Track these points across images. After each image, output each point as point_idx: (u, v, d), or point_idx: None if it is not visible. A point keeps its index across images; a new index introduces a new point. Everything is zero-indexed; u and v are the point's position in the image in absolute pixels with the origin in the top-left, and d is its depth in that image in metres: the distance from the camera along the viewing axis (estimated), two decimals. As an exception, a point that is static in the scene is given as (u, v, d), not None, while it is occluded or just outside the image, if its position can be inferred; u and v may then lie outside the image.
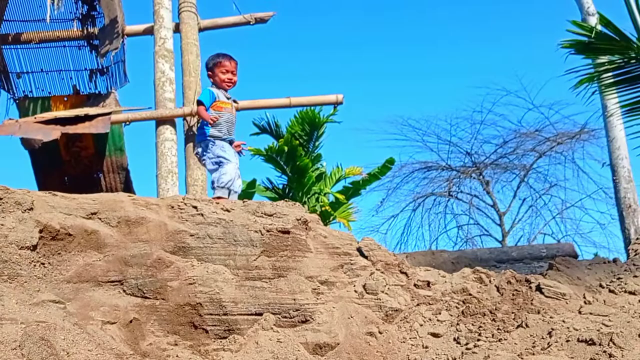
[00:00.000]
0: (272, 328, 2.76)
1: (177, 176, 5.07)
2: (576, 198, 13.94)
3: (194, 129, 5.19)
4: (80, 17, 7.20)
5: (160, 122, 5.33)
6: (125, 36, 6.74)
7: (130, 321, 2.68)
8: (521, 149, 14.13)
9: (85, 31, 7.10)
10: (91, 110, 6.16)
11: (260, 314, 2.82)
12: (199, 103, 4.33)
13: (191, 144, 5.16)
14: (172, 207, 3.07)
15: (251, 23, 6.11)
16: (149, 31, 6.31)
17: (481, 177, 14.56)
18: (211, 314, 2.75)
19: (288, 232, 3.07)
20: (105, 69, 7.18)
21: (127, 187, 6.75)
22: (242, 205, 3.24)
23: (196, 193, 4.86)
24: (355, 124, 24.72)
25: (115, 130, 6.36)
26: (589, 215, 14.09)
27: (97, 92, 7.13)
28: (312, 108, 9.15)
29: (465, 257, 5.61)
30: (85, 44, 7.24)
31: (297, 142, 8.87)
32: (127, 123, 5.97)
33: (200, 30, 6.06)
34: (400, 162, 13.79)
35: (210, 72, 4.46)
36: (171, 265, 2.85)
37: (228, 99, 4.40)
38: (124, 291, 2.82)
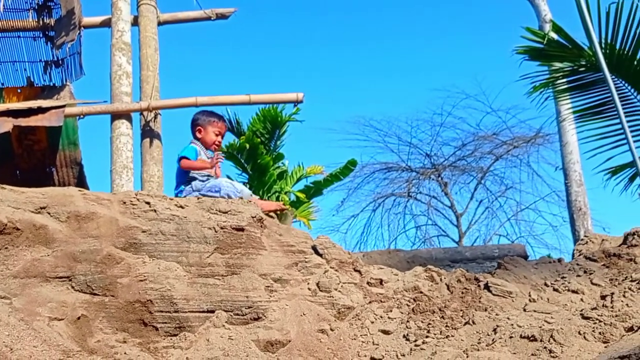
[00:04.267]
0: (223, 325, 2.76)
1: (132, 172, 4.99)
2: (530, 200, 14.36)
3: (151, 124, 5.12)
4: (36, 7, 7.00)
5: (116, 116, 5.23)
6: (82, 28, 6.59)
7: (78, 318, 2.64)
8: (479, 151, 14.47)
9: (41, 22, 6.90)
10: (45, 103, 5.99)
11: (212, 312, 2.80)
12: (183, 158, 4.10)
13: (147, 140, 5.10)
14: (124, 202, 3.02)
15: (212, 18, 6.06)
16: (107, 23, 6.18)
17: (440, 178, 14.82)
18: (162, 311, 2.73)
19: (242, 230, 3.07)
20: (60, 61, 7.00)
21: (81, 182, 6.59)
22: (196, 202, 3.22)
23: (152, 189, 4.80)
24: (318, 124, 24.82)
25: (69, 123, 6.20)
26: (542, 218, 14.53)
27: (51, 84, 6.94)
28: (275, 106, 9.13)
29: (421, 256, 5.70)
30: (41, 35, 7.04)
31: (259, 140, 8.84)
32: (82, 116, 5.83)
33: (160, 24, 5.97)
34: (361, 162, 13.92)
35: (200, 127, 4.30)
36: (122, 262, 2.81)
37: (208, 158, 4.28)
38: (73, 287, 2.76)
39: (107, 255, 2.81)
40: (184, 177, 4.12)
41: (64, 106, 5.83)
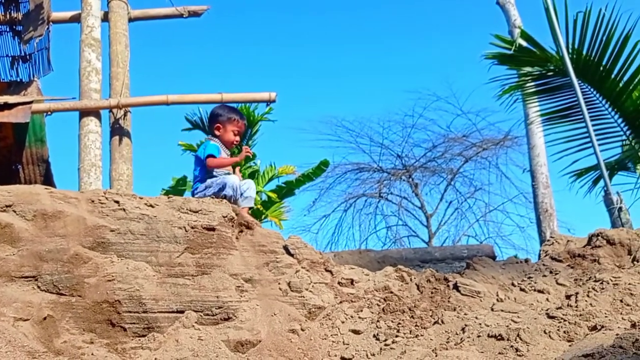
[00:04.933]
0: (193, 326, 2.73)
1: (100, 170, 4.90)
2: (499, 202, 14.62)
3: (120, 121, 5.04)
4: (4, 1, 6.83)
5: (85, 113, 5.13)
6: (51, 23, 6.45)
7: (44, 318, 2.58)
8: (449, 153, 14.67)
9: (8, 16, 6.73)
10: (11, 99, 5.84)
11: (182, 312, 2.78)
12: (209, 157, 3.91)
13: (117, 137, 5.02)
14: (93, 201, 2.97)
15: (184, 16, 6.00)
16: (76, 19, 6.07)
17: (411, 179, 14.96)
18: (130, 312, 2.69)
19: (213, 229, 3.05)
20: (28, 56, 6.83)
21: (48, 180, 6.44)
22: (167, 201, 3.18)
23: (121, 188, 4.72)
24: (290, 123, 24.79)
25: (37, 120, 6.06)
26: (510, 219, 14.80)
27: (18, 79, 6.76)
28: (247, 105, 9.11)
29: (391, 256, 5.75)
30: (8, 30, 6.86)
31: (230, 139, 8.79)
32: (49, 113, 5.71)
33: (131, 20, 5.88)
34: (333, 162, 13.97)
35: (219, 125, 4.08)
36: (89, 261, 2.77)
37: (227, 155, 4.14)
38: (39, 287, 2.71)
39: (74, 255, 2.76)
40: (204, 174, 3.95)
41: (31, 102, 5.69)
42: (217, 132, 4.11)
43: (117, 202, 2.95)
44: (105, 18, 5.92)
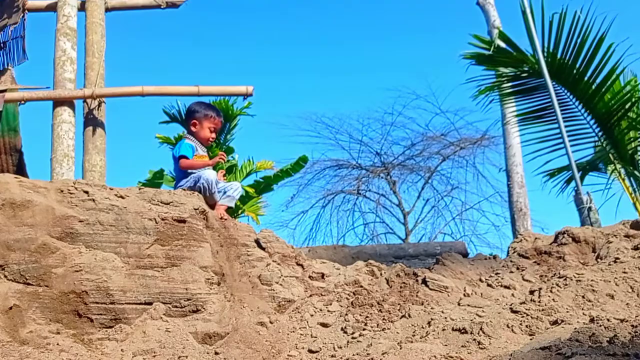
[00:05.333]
0: (161, 317, 2.73)
1: (73, 161, 4.85)
2: (475, 200, 14.79)
3: (95, 112, 4.99)
4: (-23, -13, 6.70)
5: (58, 103, 5.06)
6: (27, 11, 6.33)
7: (10, 308, 2.56)
8: (427, 151, 14.79)
9: (-20, 3, 6.61)
10: (-17, 87, 5.74)
11: (150, 304, 2.77)
12: (182, 157, 3.90)
13: (90, 128, 4.96)
14: (62, 191, 2.95)
15: (162, 7, 5.94)
16: (52, 7, 5.97)
17: (389, 177, 15.06)
18: (97, 303, 2.68)
19: (184, 222, 3.04)
20: (2, 45, 6.70)
21: (20, 170, 6.34)
22: (137, 192, 3.17)
23: (94, 179, 4.67)
24: (269, 119, 24.75)
25: (10, 109, 5.97)
26: (486, 217, 15.02)
27: (-8, 68, 6.67)
28: (226, 99, 9.06)
29: (365, 252, 5.79)
30: (-19, 17, 6.74)
31: (208, 132, 8.75)
32: (23, 102, 5.61)
33: (107, 10, 5.81)
34: (312, 158, 13.99)
35: (195, 121, 4.06)
36: (57, 252, 2.74)
37: (204, 152, 4.09)
38: (5, 277, 2.68)
39: (42, 245, 2.74)
40: (184, 172, 3.95)
41: (4, 91, 5.60)
42: (193, 129, 4.11)
43: (86, 192, 2.93)
44: (82, 7, 5.84)
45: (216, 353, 2.63)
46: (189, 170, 3.93)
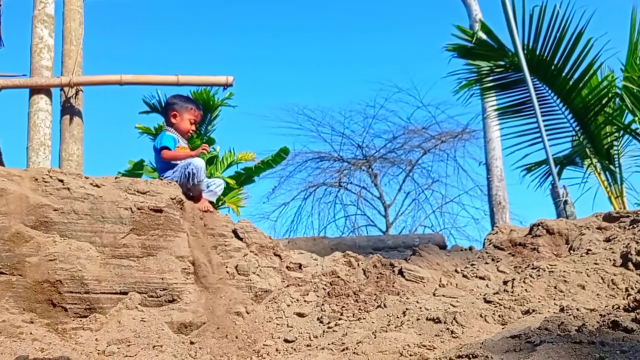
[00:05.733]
0: (137, 307, 2.72)
1: (50, 149, 4.78)
2: (455, 194, 14.93)
3: (72, 100, 4.92)
4: (-49, -29, 6.55)
5: (35, 91, 4.97)
6: (2, -3, 6.22)
7: (-18, 297, 2.53)
8: (408, 145, 14.87)
9: (-45, -13, 6.47)
10: (-43, 74, 5.63)
11: (126, 293, 2.76)
12: (164, 149, 3.94)
13: (67, 117, 4.89)
14: (36, 179, 2.91)
15: (142, -4, 5.88)
16: (29, -6, 5.87)
17: (370, 169, 15.11)
18: (71, 292, 2.66)
19: (161, 211, 3.03)
20: (-23, 31, 6.59)
21: (-4, 159, 6.26)
22: (114, 181, 3.14)
23: (71, 168, 4.62)
24: (251, 110, 24.62)
25: (-15, 97, 5.87)
26: (465, 210, 15.18)
27: (-34, 54, 6.53)
28: (207, 90, 8.99)
29: (345, 244, 5.82)
30: (-45, 1, 6.60)
31: (189, 123, 8.69)
32: (-1, 90, 5.53)
33: (86, -3, 5.73)
34: (294, 150, 13.99)
35: (174, 113, 4.11)
36: (31, 240, 2.72)
37: (185, 144, 4.17)
38: (-23, 266, 2.65)
39: (15, 233, 2.71)
40: (168, 164, 3.98)
41: (-22, 78, 5.50)
42: (173, 120, 4.14)
43: (61, 180, 2.90)
44: (60, -6, 5.75)
45: (192, 343, 2.63)
46: (172, 162, 3.93)
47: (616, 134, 6.98)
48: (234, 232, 3.40)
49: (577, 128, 7.00)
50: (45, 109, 4.84)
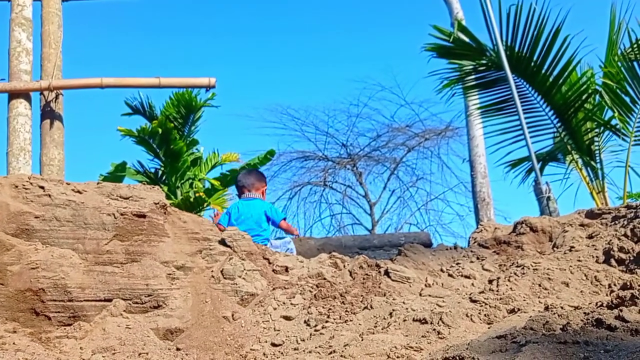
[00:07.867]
0: (121, 314, 2.69)
1: (30, 154, 4.71)
2: (440, 191, 15.00)
3: (52, 104, 4.86)
4: None
5: (14, 95, 4.91)
6: (-22, -1, 6.12)
7: (-38, 308, 2.49)
8: (393, 143, 14.91)
9: None
10: None
11: (110, 300, 2.73)
12: (285, 220, 4.81)
13: (48, 121, 4.83)
14: (17, 186, 2.87)
15: (121, -3, 5.82)
16: (6, -4, 5.78)
17: (355, 168, 15.13)
18: (55, 300, 2.62)
19: (144, 216, 3.00)
20: (-47, 34, 6.48)
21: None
22: (96, 187, 3.11)
23: (52, 174, 4.56)
24: (235, 110, 24.54)
25: (-37, 101, 5.77)
26: (450, 207, 15.25)
27: (-58, 58, 6.43)
28: (190, 90, 8.93)
29: (331, 244, 5.83)
30: None
31: (172, 124, 8.62)
32: (-23, 95, 5.44)
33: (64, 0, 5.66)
34: (278, 150, 13.95)
35: (265, 187, 5.02)
36: (12, 249, 2.68)
37: None
38: (-43, 276, 2.60)
39: (-5, 242, 2.66)
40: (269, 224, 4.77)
41: (-45, 83, 5.40)
42: (263, 194, 4.97)
43: (42, 187, 2.86)
44: (38, -4, 5.67)
45: (178, 349, 2.61)
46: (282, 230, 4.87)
47: (597, 130, 7.06)
48: (222, 242, 3.38)
49: (559, 124, 7.07)
50: (25, 113, 4.77)
